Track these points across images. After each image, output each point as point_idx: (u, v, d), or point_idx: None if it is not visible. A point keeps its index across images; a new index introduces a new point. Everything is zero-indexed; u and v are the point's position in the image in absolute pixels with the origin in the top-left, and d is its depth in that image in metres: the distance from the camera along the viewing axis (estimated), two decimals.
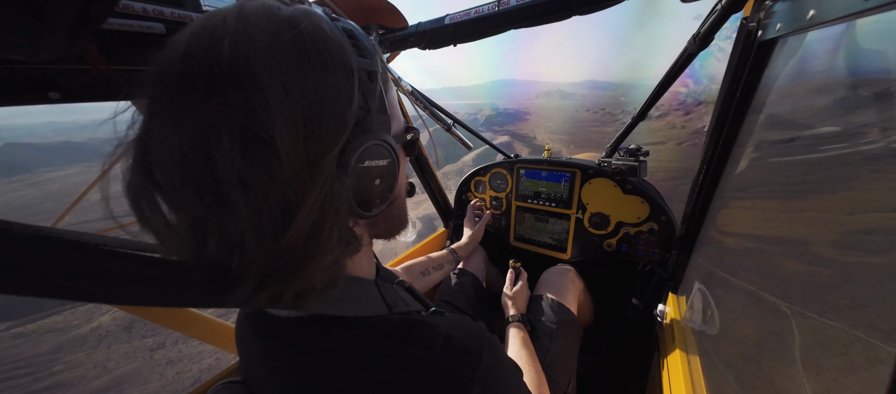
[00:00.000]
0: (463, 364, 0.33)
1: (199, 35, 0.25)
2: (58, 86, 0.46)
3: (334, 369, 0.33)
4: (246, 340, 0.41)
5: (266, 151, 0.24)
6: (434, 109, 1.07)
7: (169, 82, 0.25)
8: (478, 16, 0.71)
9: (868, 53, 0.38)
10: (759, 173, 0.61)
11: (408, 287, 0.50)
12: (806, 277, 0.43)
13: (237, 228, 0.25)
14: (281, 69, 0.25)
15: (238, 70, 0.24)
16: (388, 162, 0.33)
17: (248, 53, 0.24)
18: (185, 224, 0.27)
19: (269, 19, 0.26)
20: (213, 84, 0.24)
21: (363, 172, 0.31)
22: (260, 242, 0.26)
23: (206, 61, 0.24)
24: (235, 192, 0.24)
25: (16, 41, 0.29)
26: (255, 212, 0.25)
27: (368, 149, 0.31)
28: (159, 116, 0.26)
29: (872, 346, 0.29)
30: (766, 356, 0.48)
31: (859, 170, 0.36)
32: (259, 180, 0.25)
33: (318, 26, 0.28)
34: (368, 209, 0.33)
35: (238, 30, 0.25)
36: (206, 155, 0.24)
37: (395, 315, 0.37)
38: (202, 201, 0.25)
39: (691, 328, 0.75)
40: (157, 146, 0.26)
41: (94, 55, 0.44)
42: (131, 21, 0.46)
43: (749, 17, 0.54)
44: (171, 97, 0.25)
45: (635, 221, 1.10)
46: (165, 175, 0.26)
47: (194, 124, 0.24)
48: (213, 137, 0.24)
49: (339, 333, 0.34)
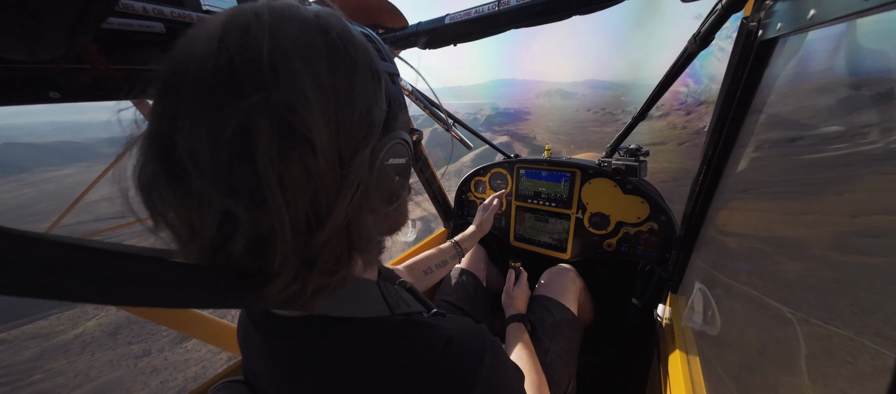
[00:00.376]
0: (465, 365, 0.33)
1: (233, 28, 0.25)
2: (58, 85, 0.46)
3: (336, 369, 0.33)
4: (249, 338, 0.41)
5: (304, 147, 0.25)
6: (434, 109, 1.07)
7: (202, 74, 0.24)
8: (478, 15, 0.71)
9: (869, 53, 0.38)
10: (760, 173, 0.61)
11: (409, 288, 0.50)
12: (807, 278, 0.43)
13: (273, 225, 0.25)
14: (318, 67, 0.25)
15: (279, 67, 0.24)
16: (406, 160, 0.35)
17: (287, 50, 0.25)
18: (212, 222, 0.26)
19: (303, 18, 0.27)
20: (254, 79, 0.24)
21: (387, 170, 0.32)
22: (296, 236, 0.26)
23: (246, 56, 0.24)
24: (274, 188, 0.24)
25: (16, 40, 0.29)
26: (293, 207, 0.25)
27: (393, 147, 0.32)
28: (189, 111, 0.25)
29: (878, 353, 0.29)
30: (765, 358, 0.48)
31: (862, 171, 0.36)
32: (296, 177, 0.25)
33: (346, 29, 0.29)
34: (392, 202, 0.35)
35: (275, 27, 0.25)
36: (244, 152, 0.24)
37: (396, 316, 0.37)
38: (237, 198, 0.25)
39: (691, 328, 0.75)
40: (185, 143, 0.25)
41: (94, 55, 0.44)
42: (131, 20, 0.46)
43: (749, 17, 0.54)
44: (205, 90, 0.24)
45: (635, 221, 1.10)
46: (197, 172, 0.25)
47: (232, 120, 0.24)
48: (255, 133, 0.24)
49: (340, 332, 0.34)
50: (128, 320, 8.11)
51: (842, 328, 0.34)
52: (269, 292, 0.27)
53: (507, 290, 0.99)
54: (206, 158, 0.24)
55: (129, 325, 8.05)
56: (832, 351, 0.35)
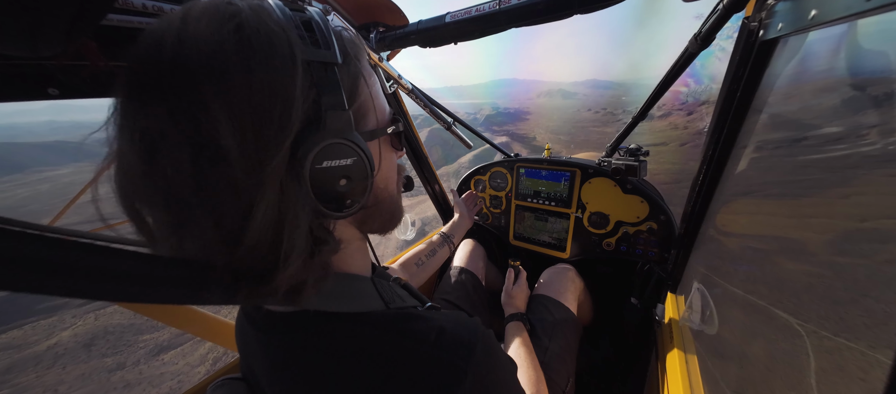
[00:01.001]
0: (456, 355, 0.33)
1: (149, 39, 0.25)
2: (57, 81, 0.46)
3: (330, 363, 0.33)
4: (245, 335, 0.41)
5: (216, 157, 0.24)
6: (434, 108, 1.07)
7: (124, 88, 0.25)
8: (478, 14, 0.71)
9: (870, 54, 0.38)
10: (760, 174, 0.61)
11: (404, 284, 0.50)
12: (806, 279, 0.43)
13: (202, 234, 0.26)
14: (222, 72, 0.24)
15: (178, 78, 0.24)
16: (353, 160, 0.31)
17: (188, 59, 0.24)
18: (162, 229, 0.27)
19: (211, 20, 0.25)
20: (157, 92, 0.24)
21: (323, 173, 0.29)
22: (224, 245, 0.26)
23: (152, 68, 0.24)
24: (192, 199, 0.25)
25: (15, 37, 0.29)
26: (215, 218, 0.25)
27: (325, 149, 0.29)
28: (118, 125, 0.26)
29: (874, 354, 0.29)
30: (763, 358, 0.48)
31: (866, 172, 0.36)
32: (215, 187, 0.25)
33: (261, 19, 0.26)
34: (339, 209, 0.32)
35: (179, 34, 0.24)
36: (158, 165, 0.24)
37: (391, 310, 0.37)
38: (168, 209, 0.26)
39: (690, 328, 0.75)
40: (121, 155, 0.26)
41: (94, 51, 0.44)
42: (131, 17, 0.45)
43: (751, 17, 0.54)
44: (124, 105, 0.25)
45: (635, 220, 1.10)
46: (133, 185, 0.26)
47: (144, 134, 0.24)
48: (163, 147, 0.24)
49: (335, 327, 0.34)
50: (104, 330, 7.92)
51: (837, 324, 0.34)
52: (214, 294, 0.28)
53: (506, 289, 0.99)
54: (134, 172, 0.25)
55: (104, 335, 7.81)
56: (829, 348, 0.35)
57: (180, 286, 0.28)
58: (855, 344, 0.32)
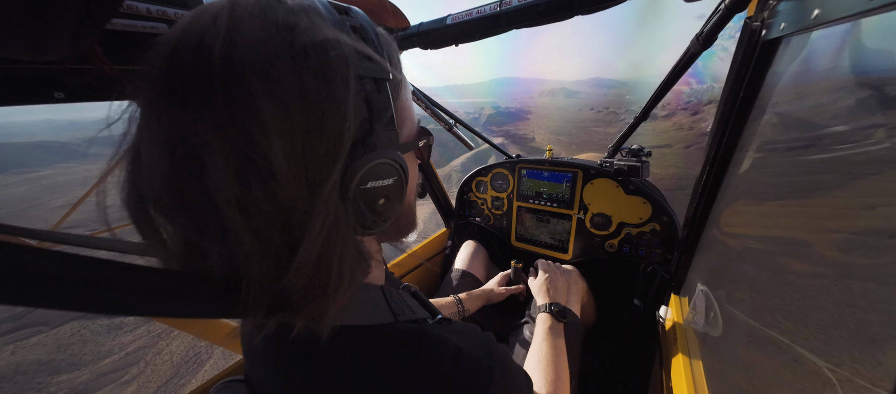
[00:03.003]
0: (475, 381, 0.32)
1: (187, 36, 0.22)
2: (62, 85, 0.47)
3: (342, 380, 0.32)
4: (253, 341, 0.40)
5: (264, 174, 0.22)
6: (435, 109, 1.07)
7: (156, 91, 0.23)
8: (480, 16, 0.71)
9: (874, 53, 0.38)
10: (764, 174, 0.60)
11: (414, 292, 0.49)
12: (812, 280, 0.43)
13: (242, 256, 0.24)
14: (280, 84, 0.22)
15: (232, 87, 0.21)
16: (394, 180, 0.30)
17: (242, 66, 0.21)
18: (181, 249, 0.25)
19: (265, 22, 0.23)
20: (204, 100, 0.21)
21: (367, 194, 0.28)
22: (267, 270, 0.24)
23: (196, 71, 0.22)
24: (235, 218, 0.22)
25: (21, 41, 0.29)
26: (259, 239, 0.23)
27: (372, 169, 0.28)
28: (147, 131, 0.23)
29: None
30: (769, 361, 0.48)
31: (869, 172, 0.36)
32: (260, 205, 0.23)
33: (318, 30, 0.24)
34: (372, 228, 0.30)
35: (230, 35, 0.22)
36: (198, 178, 0.22)
37: (401, 324, 0.36)
38: (199, 228, 0.24)
39: (693, 330, 0.74)
40: (147, 164, 0.24)
41: (99, 55, 0.44)
42: (135, 21, 0.46)
43: (753, 17, 0.54)
44: (159, 110, 0.23)
45: (637, 221, 1.09)
46: (157, 198, 0.24)
47: (184, 143, 0.22)
48: (207, 159, 0.22)
49: (347, 341, 0.32)
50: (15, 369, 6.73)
51: (842, 328, 0.33)
52: (254, 324, 0.26)
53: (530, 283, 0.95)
54: (161, 183, 0.23)
55: (13, 375, 6.57)
56: (842, 356, 0.35)
57: (215, 303, 0.26)
58: (864, 347, 0.32)
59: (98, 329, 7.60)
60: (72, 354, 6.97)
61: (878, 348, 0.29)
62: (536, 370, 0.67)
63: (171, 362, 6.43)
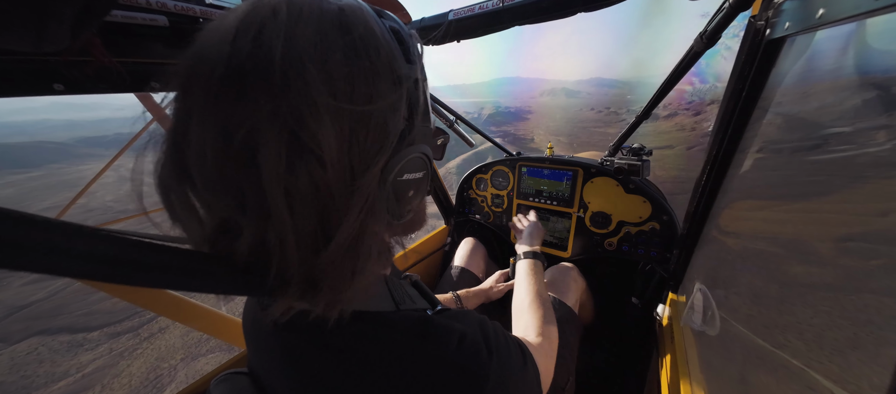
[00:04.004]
0: (478, 363, 0.34)
1: (247, 27, 0.24)
2: (62, 77, 0.47)
3: (352, 365, 0.33)
4: (258, 328, 0.41)
5: (312, 160, 0.24)
6: (436, 105, 1.06)
7: (212, 77, 0.23)
8: (482, 12, 0.70)
9: (878, 54, 0.37)
10: (765, 174, 0.60)
11: (415, 282, 0.50)
12: (809, 280, 0.43)
13: (278, 237, 0.25)
14: (334, 75, 0.24)
15: (291, 75, 0.23)
16: (423, 174, 0.33)
17: (302, 57, 0.23)
18: (215, 226, 0.27)
19: (322, 18, 0.25)
20: (264, 87, 0.23)
21: (400, 185, 0.30)
22: (301, 252, 0.25)
23: (257, 61, 0.23)
24: (280, 200, 0.24)
25: (21, 32, 0.29)
26: (299, 222, 0.25)
27: (410, 162, 0.30)
28: (200, 114, 0.24)
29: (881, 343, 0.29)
30: (766, 360, 0.48)
31: (871, 174, 0.36)
32: (303, 190, 0.24)
33: (371, 30, 0.27)
34: (400, 219, 0.33)
35: (291, 29, 0.23)
36: (251, 160, 0.23)
37: (403, 312, 0.37)
38: (241, 207, 0.25)
39: (691, 328, 0.75)
40: (195, 145, 0.24)
41: (99, 47, 0.44)
42: (135, 13, 0.46)
43: (757, 16, 0.54)
44: (214, 95, 0.24)
45: (637, 220, 1.10)
46: (203, 177, 0.25)
47: (240, 127, 0.23)
48: (261, 143, 0.23)
49: (354, 328, 0.34)
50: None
51: (841, 325, 0.34)
52: (275, 309, 0.27)
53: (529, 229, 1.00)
54: (212, 163, 0.24)
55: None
56: (839, 355, 0.35)
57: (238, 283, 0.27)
58: (861, 346, 0.32)
59: (58, 347, 6.93)
60: (24, 375, 6.25)
61: (868, 352, 0.30)
62: (520, 311, 0.72)
63: (129, 386, 5.86)
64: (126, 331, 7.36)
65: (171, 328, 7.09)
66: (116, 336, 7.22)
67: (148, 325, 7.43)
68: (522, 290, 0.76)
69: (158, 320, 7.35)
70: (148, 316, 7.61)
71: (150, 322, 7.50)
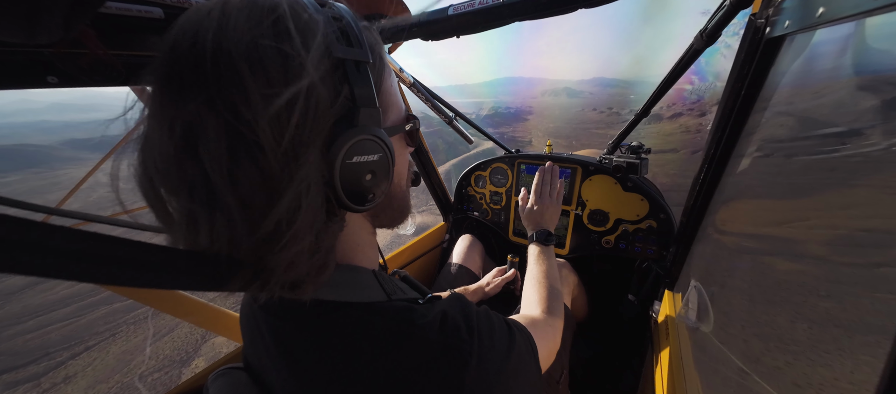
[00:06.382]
0: (460, 340, 0.35)
1: (185, 29, 0.26)
2: (56, 70, 0.46)
3: (339, 350, 0.34)
4: (254, 320, 0.42)
5: (252, 147, 0.25)
6: (435, 102, 1.06)
7: (158, 78, 0.26)
8: (482, 7, 0.70)
9: (878, 53, 0.37)
10: (763, 173, 0.60)
11: (404, 276, 0.51)
12: (803, 279, 0.44)
13: (227, 223, 0.26)
14: (263, 65, 0.25)
15: (221, 68, 0.24)
16: (379, 156, 0.33)
17: (230, 50, 0.24)
18: (180, 218, 0.27)
19: (251, 12, 0.26)
20: (197, 82, 0.24)
21: (352, 168, 0.31)
22: (249, 235, 0.26)
23: (191, 58, 0.25)
24: (225, 189, 0.25)
25: (14, 24, 0.29)
26: (245, 208, 0.26)
27: (356, 144, 0.30)
28: (152, 113, 0.27)
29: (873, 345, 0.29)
30: (760, 357, 0.49)
31: (868, 173, 0.36)
32: (247, 176, 0.25)
33: (300, 15, 0.27)
34: (362, 203, 0.33)
35: (220, 24, 0.25)
36: (194, 153, 0.25)
37: (394, 302, 0.38)
38: (193, 198, 0.26)
39: (686, 325, 0.75)
40: (150, 143, 0.27)
41: (93, 39, 0.44)
42: (129, 5, 0.45)
43: (757, 14, 0.54)
44: (159, 94, 0.26)
45: (634, 218, 1.10)
46: (159, 173, 0.27)
47: (182, 123, 0.25)
48: (201, 136, 0.24)
49: (344, 315, 0.35)
50: None
51: (842, 335, 0.34)
52: (234, 284, 0.28)
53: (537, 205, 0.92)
54: (166, 159, 0.26)
55: None
56: (831, 355, 0.35)
57: (196, 275, 0.28)
58: (852, 344, 0.32)
59: None
60: None
61: (864, 349, 0.30)
62: (529, 291, 0.73)
63: None
64: (26, 379, 5.82)
65: (78, 376, 5.75)
66: (13, 386, 5.69)
67: (52, 373, 5.85)
68: (528, 276, 0.77)
69: (67, 365, 5.98)
70: (58, 359, 6.22)
71: (54, 371, 5.92)
